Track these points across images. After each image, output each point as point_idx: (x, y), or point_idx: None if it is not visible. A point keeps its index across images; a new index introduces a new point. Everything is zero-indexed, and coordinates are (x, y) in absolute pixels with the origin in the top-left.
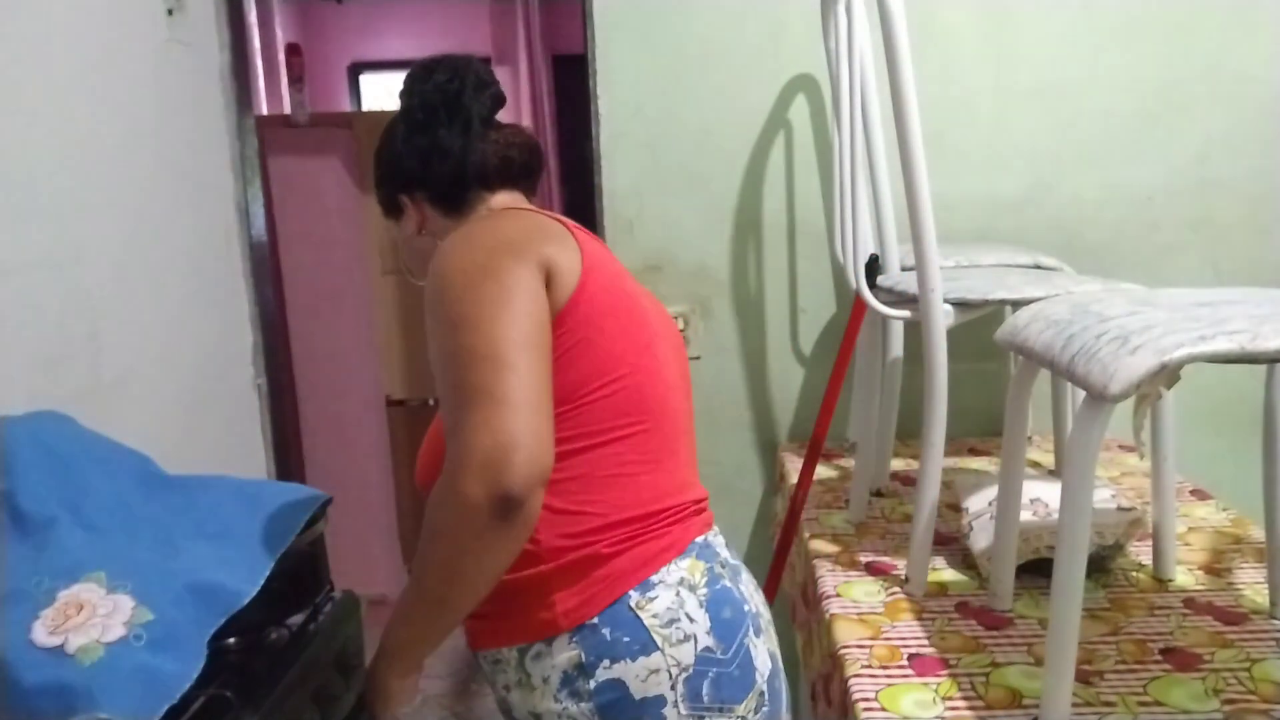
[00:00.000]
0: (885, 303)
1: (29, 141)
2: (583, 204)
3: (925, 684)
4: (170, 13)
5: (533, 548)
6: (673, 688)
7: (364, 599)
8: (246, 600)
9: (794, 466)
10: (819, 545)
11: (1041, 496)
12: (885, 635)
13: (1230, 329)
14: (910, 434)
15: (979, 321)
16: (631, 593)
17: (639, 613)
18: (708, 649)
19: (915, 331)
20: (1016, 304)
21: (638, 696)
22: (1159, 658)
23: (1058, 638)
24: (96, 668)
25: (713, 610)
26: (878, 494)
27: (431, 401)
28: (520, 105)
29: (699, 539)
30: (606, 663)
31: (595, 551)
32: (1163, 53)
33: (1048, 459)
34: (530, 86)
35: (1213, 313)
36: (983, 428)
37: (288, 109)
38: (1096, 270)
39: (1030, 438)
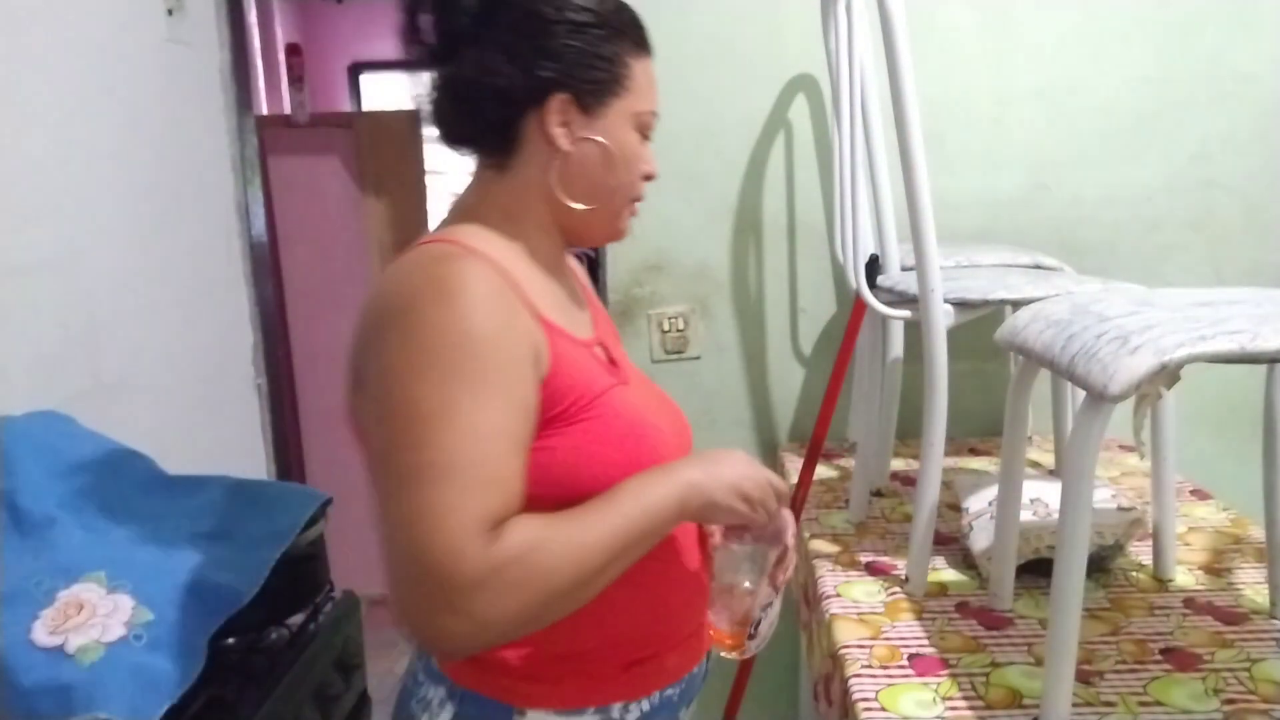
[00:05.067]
0: (885, 303)
1: (29, 141)
2: None
3: (925, 684)
4: (170, 13)
5: None
6: None
7: (364, 599)
8: (246, 600)
9: (794, 466)
10: (819, 545)
11: (1041, 496)
12: (885, 635)
13: (1230, 329)
14: (910, 434)
15: (979, 321)
16: None
17: None
18: None
19: (915, 331)
20: (1016, 304)
21: None
22: (1159, 658)
23: (1058, 638)
24: (96, 668)
25: None
26: (878, 494)
27: None
28: None
29: None
30: None
31: None
32: (1163, 53)
33: (1048, 459)
34: None
35: (1213, 313)
36: (983, 428)
37: (288, 109)
38: (1096, 270)
39: (1030, 438)
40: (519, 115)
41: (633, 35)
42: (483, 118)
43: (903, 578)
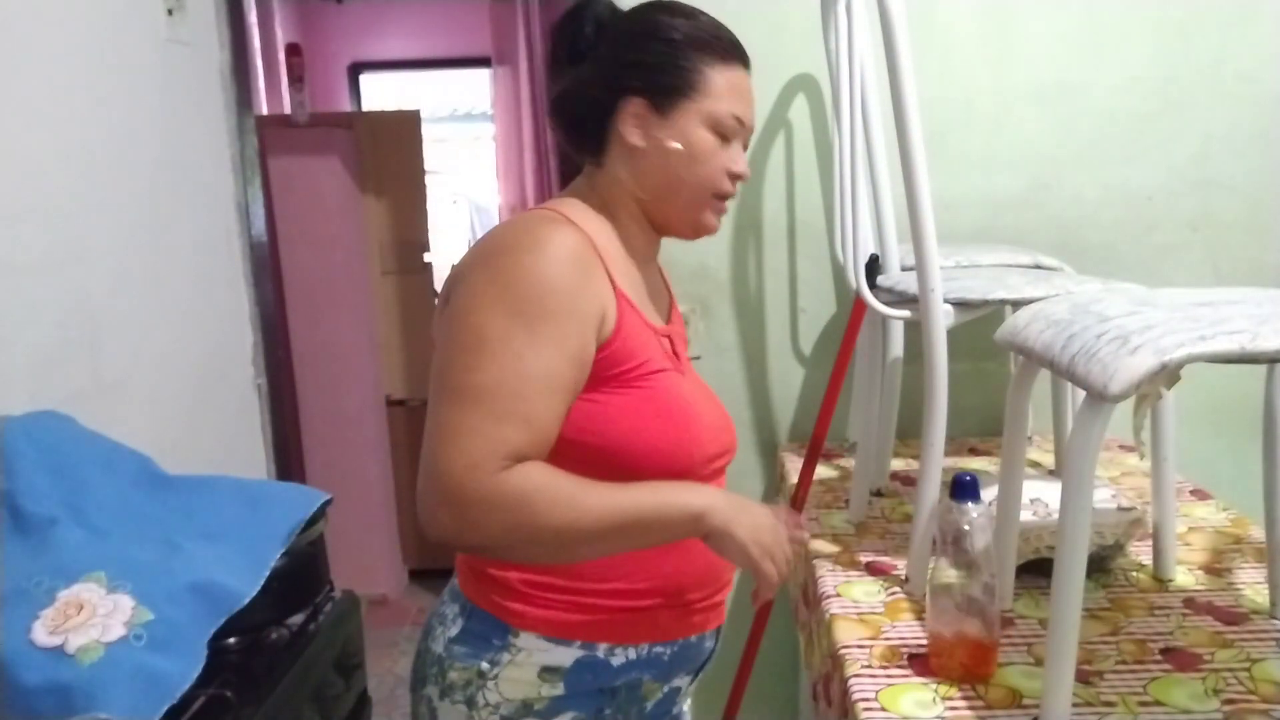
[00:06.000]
0: (885, 303)
1: (29, 141)
2: None
3: (925, 684)
4: (170, 13)
5: None
6: None
7: (364, 599)
8: (246, 600)
9: (794, 466)
10: (819, 545)
11: (1041, 496)
12: (885, 635)
13: (1230, 329)
14: (910, 434)
15: (979, 321)
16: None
17: None
18: None
19: (915, 331)
20: (1016, 304)
21: None
22: (1159, 658)
23: (1058, 638)
24: (96, 668)
25: None
26: (878, 494)
27: None
28: (520, 105)
29: None
30: None
31: None
32: (1163, 53)
33: (1048, 459)
34: (530, 87)
35: (1213, 313)
36: (983, 428)
37: (288, 109)
38: (1096, 270)
39: (1030, 438)
40: (606, 117)
41: (715, 48)
42: (580, 120)
43: (903, 578)
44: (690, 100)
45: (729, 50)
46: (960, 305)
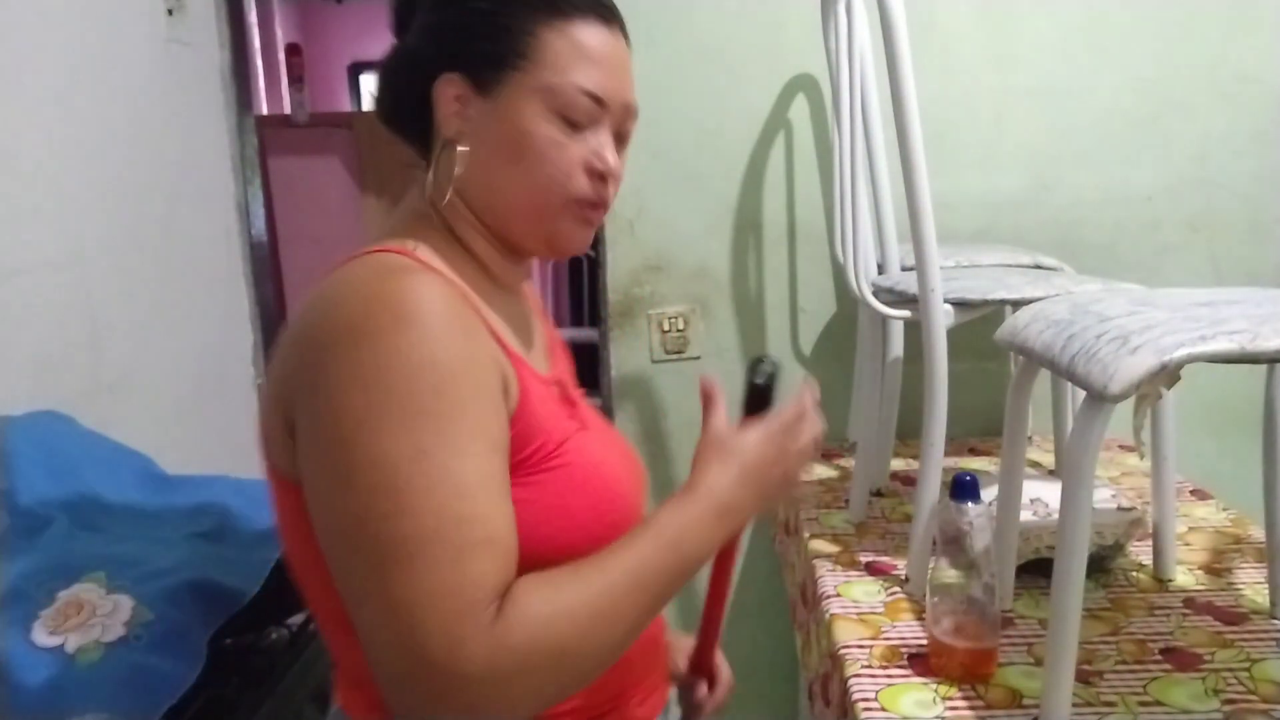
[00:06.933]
0: (885, 303)
1: (29, 141)
2: None
3: (925, 684)
4: (170, 13)
5: None
6: None
7: None
8: (247, 600)
9: None
10: (819, 545)
11: (1041, 496)
12: (885, 635)
13: (1230, 329)
14: (910, 434)
15: (979, 321)
16: None
17: None
18: None
19: (915, 331)
20: (1016, 304)
21: None
22: (1159, 658)
23: (1058, 638)
24: (96, 668)
25: None
26: (878, 494)
27: None
28: None
29: None
30: None
31: None
32: (1163, 53)
33: (1048, 459)
34: None
35: (1213, 313)
36: (983, 428)
37: (288, 109)
38: (1096, 270)
39: (1030, 438)
40: (425, 102)
41: (555, 1)
42: (397, 107)
43: (903, 578)
44: (519, 72)
45: (580, 2)
46: (960, 305)
